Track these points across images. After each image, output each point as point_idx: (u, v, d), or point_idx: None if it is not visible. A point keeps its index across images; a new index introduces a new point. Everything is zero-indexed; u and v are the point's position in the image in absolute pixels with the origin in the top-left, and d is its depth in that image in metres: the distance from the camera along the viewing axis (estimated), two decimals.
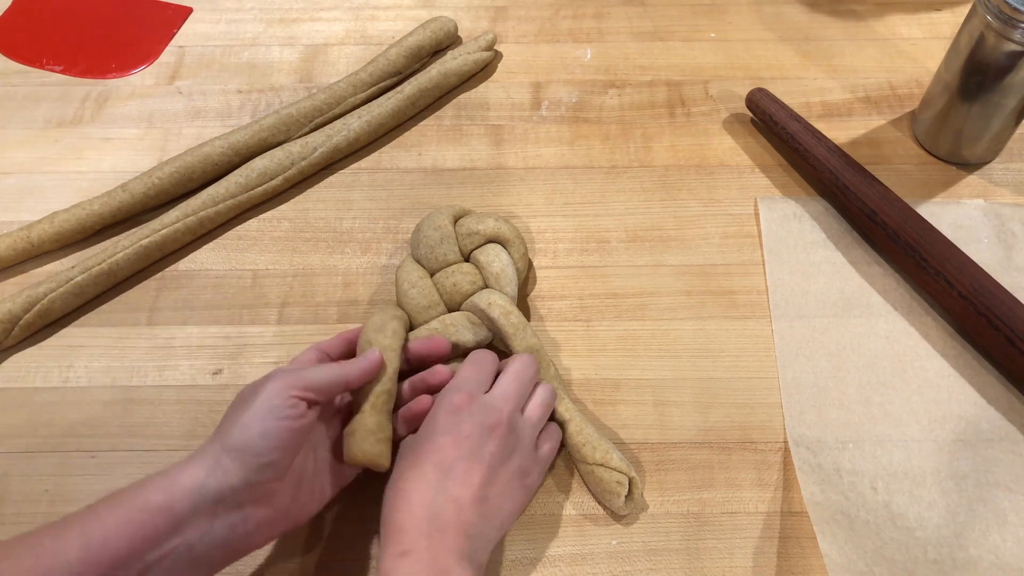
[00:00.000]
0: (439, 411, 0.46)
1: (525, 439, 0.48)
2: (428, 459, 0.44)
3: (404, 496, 0.43)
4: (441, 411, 0.46)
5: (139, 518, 0.39)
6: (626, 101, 0.71)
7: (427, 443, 0.45)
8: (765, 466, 0.53)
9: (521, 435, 0.47)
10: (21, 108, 0.72)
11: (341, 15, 0.79)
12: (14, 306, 0.57)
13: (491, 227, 0.58)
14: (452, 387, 0.48)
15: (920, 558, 0.48)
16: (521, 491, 0.47)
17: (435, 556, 0.41)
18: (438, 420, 0.46)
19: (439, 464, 0.44)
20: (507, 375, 0.49)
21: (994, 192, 0.65)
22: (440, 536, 0.42)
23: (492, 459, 0.45)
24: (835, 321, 0.58)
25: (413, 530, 0.42)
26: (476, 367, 0.50)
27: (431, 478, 0.43)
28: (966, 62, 0.60)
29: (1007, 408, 0.54)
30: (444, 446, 0.45)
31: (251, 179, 0.64)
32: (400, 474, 0.45)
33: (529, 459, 0.48)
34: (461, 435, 0.45)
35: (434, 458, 0.44)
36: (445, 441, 0.45)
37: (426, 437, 0.46)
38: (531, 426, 0.49)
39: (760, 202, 0.64)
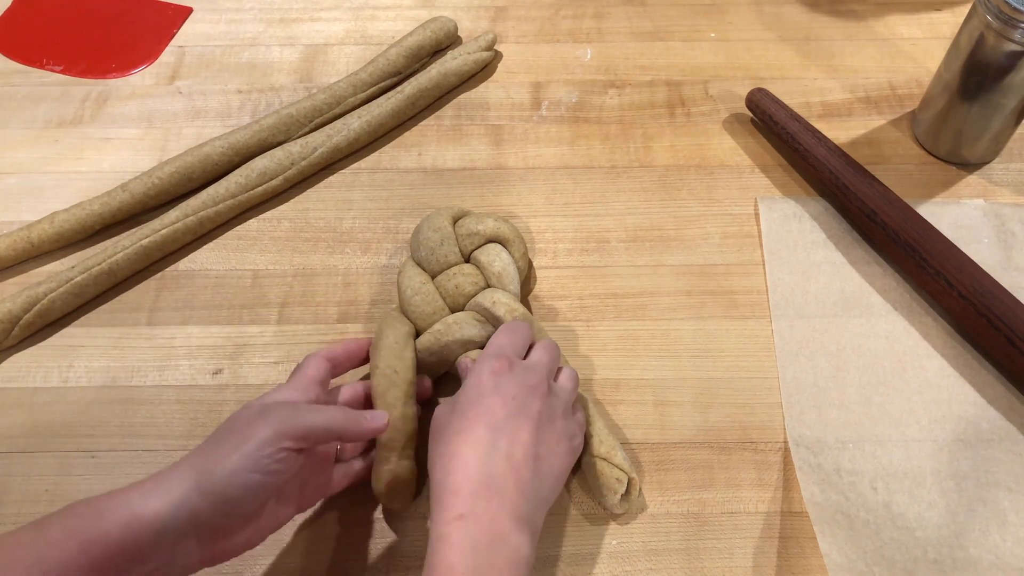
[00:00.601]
0: (482, 374, 0.46)
1: (563, 402, 0.48)
2: (479, 420, 0.44)
3: (458, 459, 0.42)
4: (485, 374, 0.46)
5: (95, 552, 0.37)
6: (626, 101, 0.71)
7: (475, 405, 0.45)
8: (765, 466, 0.53)
9: (560, 398, 0.47)
10: (21, 108, 0.72)
11: (341, 15, 0.79)
12: (14, 306, 0.57)
13: (491, 227, 0.58)
14: (491, 353, 0.48)
15: (920, 558, 0.48)
16: (568, 452, 0.47)
17: (492, 518, 0.40)
18: (483, 383, 0.46)
19: (490, 424, 0.43)
20: (538, 349, 0.50)
21: (994, 192, 0.65)
22: (497, 497, 0.41)
23: (539, 416, 0.45)
24: (835, 321, 0.58)
25: (469, 492, 0.41)
26: (511, 335, 0.50)
27: (484, 439, 0.43)
28: (966, 62, 0.60)
29: (1007, 408, 0.54)
30: (493, 406, 0.44)
31: (251, 179, 0.64)
32: (449, 439, 0.44)
33: (571, 422, 0.48)
34: (507, 395, 0.45)
35: (485, 419, 0.44)
36: (493, 402, 0.44)
37: (472, 400, 0.45)
38: (567, 392, 0.49)
39: (760, 202, 0.64)
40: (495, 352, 0.48)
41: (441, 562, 0.39)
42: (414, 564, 0.49)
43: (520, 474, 0.42)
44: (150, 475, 0.41)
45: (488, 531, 0.40)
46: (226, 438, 0.42)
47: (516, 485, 0.42)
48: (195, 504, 0.39)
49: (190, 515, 0.39)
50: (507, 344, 0.49)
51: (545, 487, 0.44)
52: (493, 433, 0.43)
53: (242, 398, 0.56)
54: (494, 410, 0.44)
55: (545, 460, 0.44)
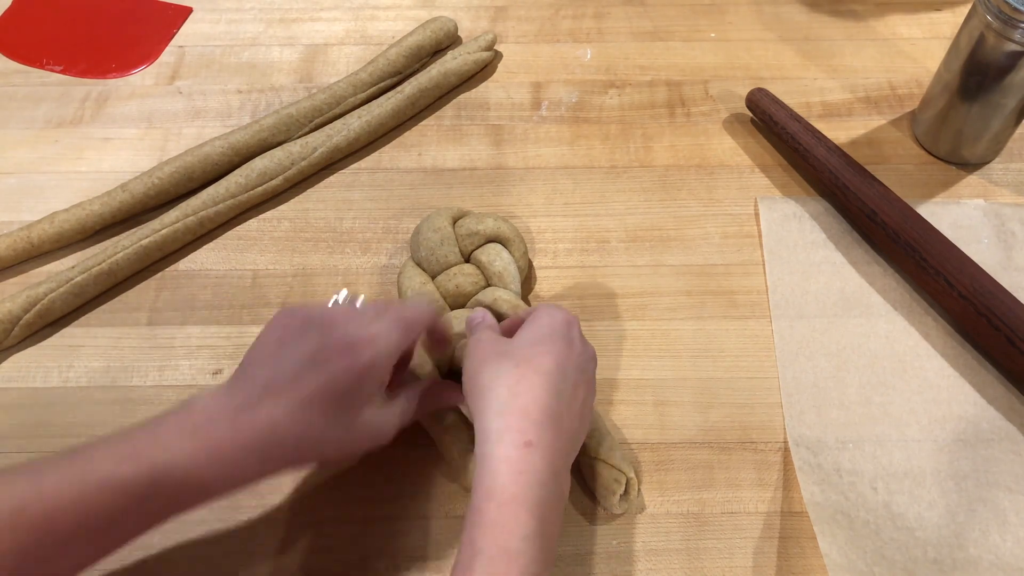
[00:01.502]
0: (557, 317, 0.46)
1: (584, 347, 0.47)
2: (550, 356, 0.43)
3: (528, 383, 0.41)
4: (559, 317, 0.46)
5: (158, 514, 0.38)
6: (626, 101, 0.71)
7: (546, 341, 0.44)
8: (765, 466, 0.53)
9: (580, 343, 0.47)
10: (21, 108, 0.72)
11: (341, 15, 0.79)
12: (14, 306, 0.57)
13: (491, 227, 0.58)
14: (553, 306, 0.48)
15: (920, 558, 0.48)
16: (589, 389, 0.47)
17: (555, 455, 0.40)
18: (558, 325, 0.45)
19: (560, 365, 0.43)
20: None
21: (994, 192, 0.65)
22: (561, 434, 0.41)
23: (589, 387, 0.46)
24: (835, 321, 0.58)
25: (538, 420, 0.40)
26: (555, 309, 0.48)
27: (554, 374, 0.42)
28: (966, 62, 0.60)
29: (1007, 408, 0.54)
30: (563, 352, 0.44)
31: (251, 179, 0.64)
32: (511, 364, 0.43)
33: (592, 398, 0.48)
34: (576, 351, 0.45)
35: (557, 358, 0.43)
36: (563, 347, 0.44)
37: (545, 334, 0.45)
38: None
39: (760, 202, 0.64)
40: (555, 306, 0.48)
41: (504, 490, 0.38)
42: (414, 564, 0.49)
43: (572, 420, 0.43)
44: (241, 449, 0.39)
45: (550, 465, 0.39)
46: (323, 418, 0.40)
47: (571, 432, 0.42)
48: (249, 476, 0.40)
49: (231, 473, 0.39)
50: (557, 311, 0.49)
51: (578, 443, 0.45)
52: (560, 374, 0.43)
53: None
54: (564, 355, 0.44)
55: (584, 420, 0.45)
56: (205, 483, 0.39)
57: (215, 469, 0.38)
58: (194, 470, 0.38)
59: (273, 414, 0.39)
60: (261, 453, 0.39)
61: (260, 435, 0.39)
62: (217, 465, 0.38)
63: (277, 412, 0.39)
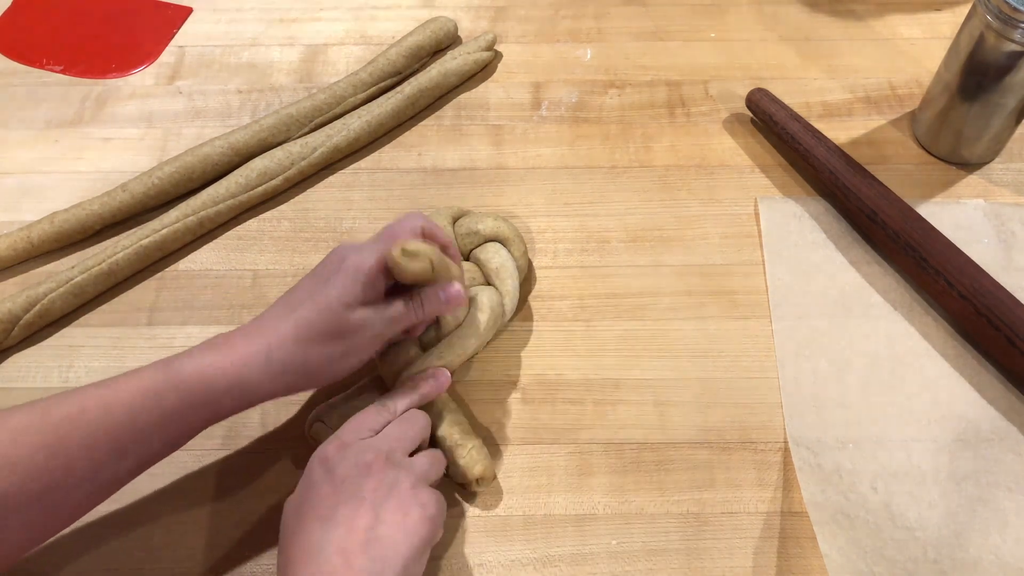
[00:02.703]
0: (313, 465, 0.44)
1: (414, 473, 0.45)
2: (309, 515, 0.42)
3: (291, 564, 0.40)
4: (314, 462, 0.44)
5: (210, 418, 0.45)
6: (626, 101, 0.71)
7: (306, 500, 0.43)
8: (765, 466, 0.53)
9: (405, 469, 0.44)
10: (21, 108, 0.72)
11: (341, 15, 0.79)
12: (14, 306, 0.57)
13: (490, 226, 0.58)
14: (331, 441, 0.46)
15: (920, 558, 0.48)
16: (420, 522, 0.42)
17: None
18: (313, 473, 0.44)
19: (321, 517, 0.41)
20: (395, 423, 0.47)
21: (994, 192, 0.65)
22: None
23: (374, 496, 0.42)
24: (835, 321, 0.58)
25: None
26: (356, 420, 0.47)
27: (315, 536, 0.41)
28: (966, 62, 0.60)
29: (1007, 408, 0.54)
30: (323, 496, 0.42)
31: (251, 179, 0.64)
32: (286, 540, 0.42)
33: (419, 485, 0.44)
34: (337, 479, 0.43)
35: (315, 513, 0.42)
36: (323, 491, 0.43)
37: (304, 495, 0.43)
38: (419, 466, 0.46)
39: (760, 202, 0.64)
40: (334, 439, 0.46)
41: None
42: None
43: (355, 564, 0.39)
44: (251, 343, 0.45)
45: None
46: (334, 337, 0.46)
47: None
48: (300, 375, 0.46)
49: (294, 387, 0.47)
50: (350, 428, 0.46)
51: (389, 566, 0.40)
52: (323, 526, 0.41)
53: None
54: (324, 500, 0.42)
55: (387, 541, 0.41)
56: (216, 384, 0.44)
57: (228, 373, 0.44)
58: (207, 369, 0.44)
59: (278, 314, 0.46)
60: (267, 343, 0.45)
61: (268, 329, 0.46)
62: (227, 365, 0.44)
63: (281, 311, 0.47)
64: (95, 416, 0.41)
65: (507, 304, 0.56)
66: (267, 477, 0.52)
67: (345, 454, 0.44)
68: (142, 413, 0.42)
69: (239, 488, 0.52)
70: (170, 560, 0.50)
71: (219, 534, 0.50)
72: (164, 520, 0.51)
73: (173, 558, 0.50)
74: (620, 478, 0.52)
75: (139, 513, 0.51)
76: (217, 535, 0.50)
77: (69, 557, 0.49)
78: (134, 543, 0.50)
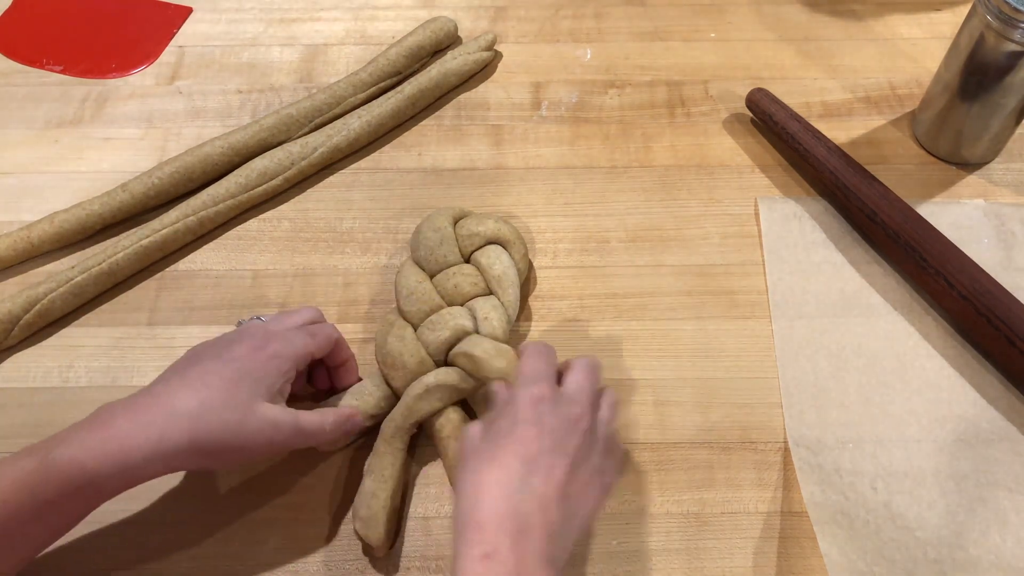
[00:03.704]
0: (520, 400, 0.44)
1: (604, 437, 0.45)
2: (511, 450, 0.41)
3: (486, 490, 0.40)
4: (523, 400, 0.44)
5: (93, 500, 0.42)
6: (626, 101, 0.71)
7: (510, 434, 0.42)
8: (765, 466, 0.53)
9: (599, 433, 0.45)
10: (21, 108, 0.72)
11: (341, 15, 0.79)
12: (14, 306, 0.57)
13: (491, 228, 0.58)
14: (529, 378, 0.45)
15: (920, 558, 0.48)
16: (600, 489, 0.44)
17: (519, 559, 0.38)
18: (520, 409, 0.43)
19: (523, 457, 0.41)
20: (579, 371, 0.47)
21: (994, 192, 0.65)
22: (525, 537, 0.39)
23: (576, 454, 0.42)
24: (835, 321, 0.58)
25: (496, 529, 0.39)
26: (542, 358, 0.47)
27: (515, 472, 0.40)
28: (966, 62, 0.60)
29: (1007, 408, 0.54)
30: (528, 438, 0.42)
31: (251, 179, 0.64)
32: (477, 466, 0.41)
33: (607, 457, 0.45)
34: (545, 428, 0.42)
35: (518, 449, 0.41)
36: (529, 433, 0.42)
37: (507, 428, 0.43)
38: (606, 424, 0.46)
39: (760, 202, 0.64)
40: (534, 377, 0.45)
41: None
42: (414, 564, 0.49)
43: (549, 514, 0.40)
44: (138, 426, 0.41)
45: (514, 574, 0.38)
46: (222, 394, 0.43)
47: (544, 526, 0.39)
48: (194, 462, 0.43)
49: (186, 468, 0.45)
50: (543, 370, 0.46)
51: (573, 526, 0.42)
52: (526, 467, 0.41)
53: None
54: (530, 442, 0.42)
55: (576, 500, 0.42)
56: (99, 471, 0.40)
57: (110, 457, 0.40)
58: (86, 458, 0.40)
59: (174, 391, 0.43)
60: (160, 431, 0.41)
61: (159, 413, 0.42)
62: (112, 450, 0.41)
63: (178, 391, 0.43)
64: None
65: (510, 314, 0.56)
66: (267, 477, 0.52)
67: (556, 402, 0.44)
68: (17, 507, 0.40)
69: (240, 488, 0.52)
70: (171, 560, 0.50)
71: (220, 534, 0.50)
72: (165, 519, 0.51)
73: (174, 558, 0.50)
74: (620, 478, 0.52)
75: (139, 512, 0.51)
76: (217, 535, 0.50)
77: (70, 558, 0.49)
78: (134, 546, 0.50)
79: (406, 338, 0.53)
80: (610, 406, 0.48)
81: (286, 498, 0.52)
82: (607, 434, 0.46)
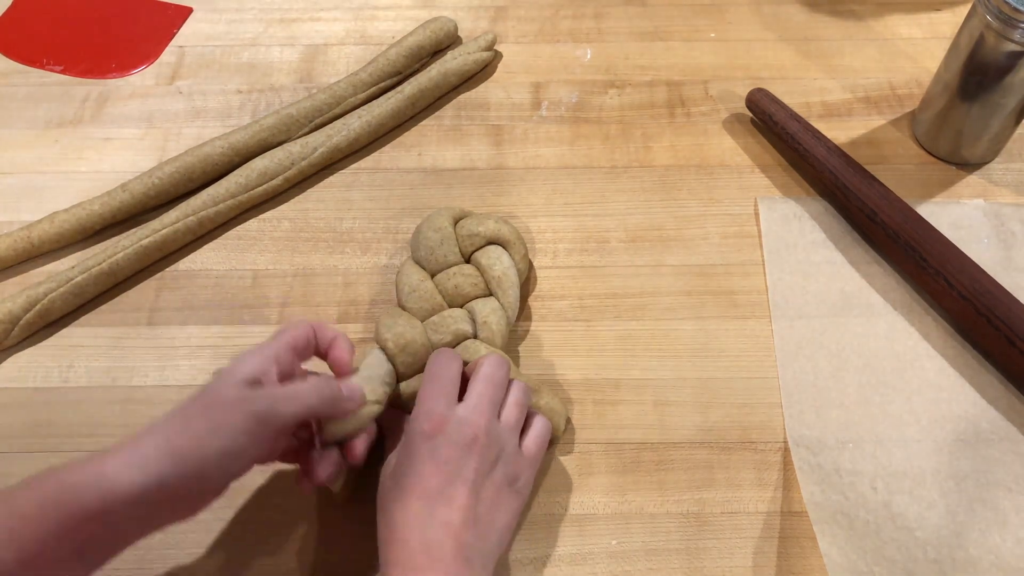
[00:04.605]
0: (414, 439, 0.45)
1: (507, 444, 0.46)
2: (412, 491, 0.43)
3: (394, 531, 0.42)
4: (417, 438, 0.45)
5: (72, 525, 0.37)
6: (626, 101, 0.71)
7: (409, 475, 0.44)
8: (765, 466, 0.53)
9: (502, 441, 0.46)
10: (21, 108, 0.72)
11: (341, 15, 0.79)
12: (14, 306, 0.57)
13: (491, 228, 0.58)
14: (420, 412, 0.46)
15: (920, 558, 0.48)
16: (513, 497, 0.46)
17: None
18: (414, 451, 0.44)
19: (423, 494, 0.43)
20: (477, 383, 0.47)
21: (994, 192, 0.65)
22: (439, 566, 0.41)
23: (476, 475, 0.44)
24: (835, 321, 0.58)
25: (408, 566, 0.41)
26: (436, 381, 0.47)
27: (418, 510, 0.42)
28: (966, 62, 0.60)
29: (1007, 408, 0.54)
30: (425, 475, 0.43)
31: (251, 179, 0.64)
32: (387, 508, 0.43)
33: (515, 463, 0.46)
34: (440, 460, 0.44)
35: (417, 489, 0.43)
36: (426, 469, 0.43)
37: (406, 469, 0.44)
38: (510, 430, 0.47)
39: (760, 202, 0.64)
40: (425, 411, 0.46)
41: None
42: None
43: (460, 539, 0.42)
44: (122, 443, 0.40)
45: None
46: (202, 416, 0.41)
47: (457, 552, 0.41)
48: (171, 481, 0.39)
49: (165, 490, 0.39)
50: (438, 395, 0.46)
51: (490, 543, 0.43)
52: (428, 503, 0.42)
53: None
54: (427, 479, 0.43)
55: (486, 517, 0.44)
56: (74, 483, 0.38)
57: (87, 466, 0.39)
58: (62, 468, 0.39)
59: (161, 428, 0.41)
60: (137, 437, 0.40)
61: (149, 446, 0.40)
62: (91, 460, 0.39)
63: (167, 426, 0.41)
64: None
65: (509, 316, 0.56)
66: (267, 475, 0.52)
67: (447, 432, 0.44)
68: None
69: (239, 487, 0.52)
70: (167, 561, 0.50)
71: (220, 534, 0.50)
72: None
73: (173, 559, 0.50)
74: (620, 478, 0.52)
75: None
76: (218, 535, 0.50)
77: None
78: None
79: (417, 327, 0.53)
80: (515, 404, 0.48)
81: None
82: (513, 439, 0.47)
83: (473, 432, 0.45)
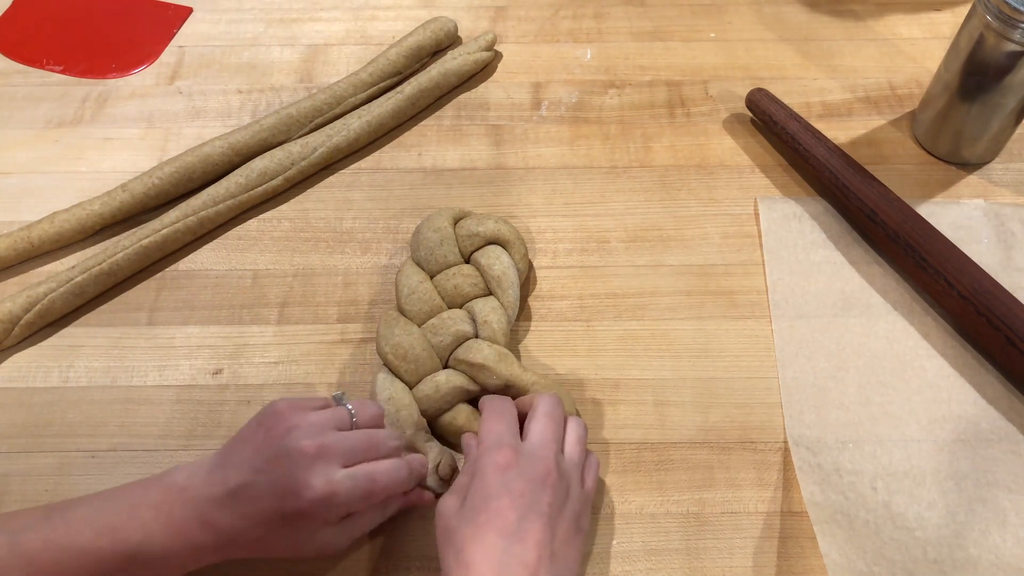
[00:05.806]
0: (487, 473, 0.44)
1: (574, 480, 0.46)
2: (489, 527, 0.42)
3: (473, 570, 0.41)
4: (489, 471, 0.44)
5: None
6: (626, 101, 0.71)
7: (484, 510, 0.43)
8: (765, 466, 0.53)
9: (570, 478, 0.46)
10: (21, 108, 0.72)
11: (341, 15, 0.79)
12: (14, 306, 0.57)
13: (491, 229, 0.58)
14: (491, 444, 0.46)
15: (920, 558, 0.48)
16: (578, 536, 0.45)
17: None
18: (488, 483, 0.44)
19: (501, 530, 0.42)
20: (539, 419, 0.48)
21: (994, 192, 0.65)
22: None
23: (551, 511, 0.43)
24: (835, 321, 0.58)
25: None
26: (500, 416, 0.48)
27: (496, 546, 0.41)
28: (966, 62, 0.60)
29: (1007, 408, 0.54)
30: (502, 509, 0.42)
31: (251, 179, 0.64)
32: (461, 545, 0.42)
33: (580, 501, 0.46)
34: (516, 493, 0.43)
35: (495, 525, 0.42)
36: (502, 504, 0.43)
37: (481, 504, 0.43)
38: (575, 466, 0.47)
39: (760, 202, 0.64)
40: (495, 442, 0.46)
41: None
42: (414, 564, 0.49)
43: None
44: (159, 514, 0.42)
45: None
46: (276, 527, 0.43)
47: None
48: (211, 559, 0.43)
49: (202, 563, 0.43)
50: (504, 430, 0.47)
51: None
52: (505, 540, 0.41)
53: (242, 398, 0.56)
54: (504, 513, 0.42)
55: (560, 554, 0.43)
56: (171, 563, 0.42)
57: (184, 553, 0.42)
58: (165, 551, 0.41)
59: (235, 524, 0.42)
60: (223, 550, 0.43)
61: (223, 536, 0.42)
62: (186, 550, 0.42)
63: (239, 523, 0.42)
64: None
65: (509, 315, 0.56)
66: None
67: (521, 466, 0.44)
68: None
69: None
70: None
71: None
72: None
73: None
74: (620, 478, 0.52)
75: None
76: None
77: None
78: None
79: (414, 332, 0.53)
80: (577, 442, 0.48)
81: None
82: (578, 476, 0.47)
83: (546, 467, 0.45)
